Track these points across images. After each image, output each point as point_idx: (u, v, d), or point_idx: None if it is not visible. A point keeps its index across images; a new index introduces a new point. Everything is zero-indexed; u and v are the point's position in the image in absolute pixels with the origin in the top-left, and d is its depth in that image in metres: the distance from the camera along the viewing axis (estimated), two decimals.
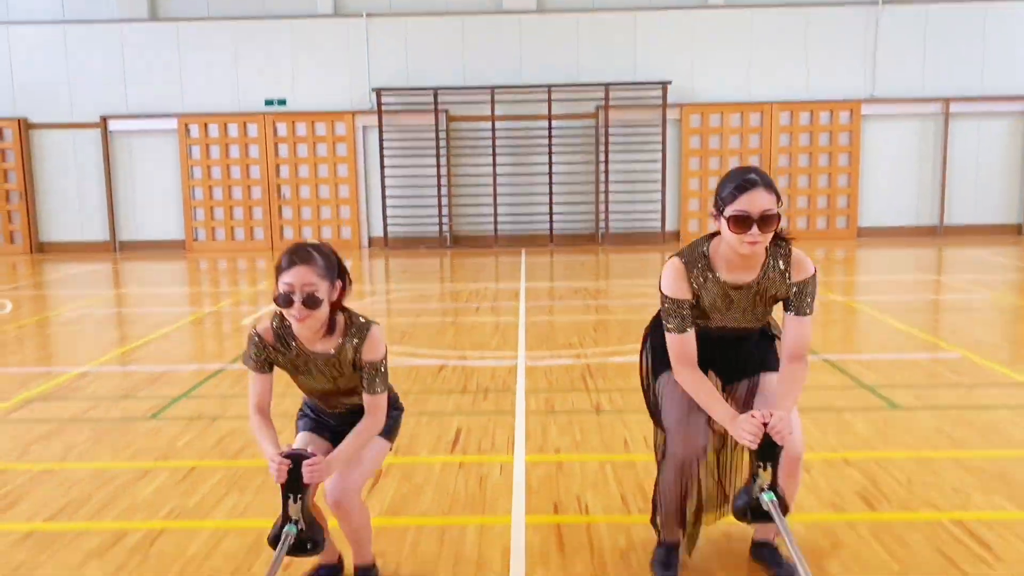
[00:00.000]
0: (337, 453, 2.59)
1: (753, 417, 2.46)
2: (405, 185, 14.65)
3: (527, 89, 14.10)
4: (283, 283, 2.52)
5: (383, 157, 14.46)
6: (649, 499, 3.17)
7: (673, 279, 2.65)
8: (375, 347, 2.64)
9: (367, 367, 2.64)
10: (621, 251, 13.41)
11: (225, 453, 4.22)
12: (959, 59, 14.11)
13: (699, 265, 2.65)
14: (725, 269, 2.63)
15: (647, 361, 2.92)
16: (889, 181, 14.39)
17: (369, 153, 14.77)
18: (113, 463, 4.11)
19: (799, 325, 2.64)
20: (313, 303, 2.50)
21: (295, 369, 2.70)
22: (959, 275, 10.12)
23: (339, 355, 2.64)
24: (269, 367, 2.68)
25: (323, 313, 2.55)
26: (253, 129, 14.69)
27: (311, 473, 2.42)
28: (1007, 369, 5.46)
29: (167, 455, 4.20)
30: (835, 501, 3.44)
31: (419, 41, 14.21)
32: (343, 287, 2.60)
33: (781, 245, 2.62)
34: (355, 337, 2.63)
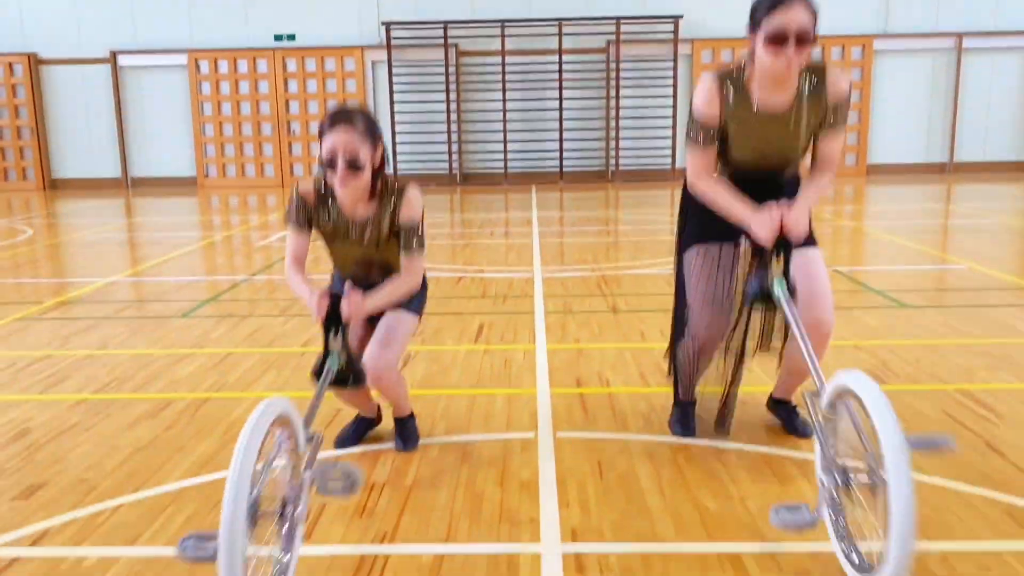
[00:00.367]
0: (373, 297, 2.68)
1: (770, 212, 2.46)
2: (415, 121, 14.66)
3: (537, 23, 14.02)
4: (326, 145, 2.56)
5: (392, 93, 14.45)
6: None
7: (704, 97, 2.57)
8: (413, 207, 2.71)
9: (405, 227, 2.72)
10: (631, 187, 13.46)
11: (257, 343, 4.39)
12: None
13: (733, 82, 2.56)
14: (758, 93, 2.54)
15: (678, 228, 2.92)
16: (900, 118, 14.36)
17: (379, 89, 14.75)
18: (151, 350, 4.28)
19: (833, 139, 2.61)
20: (356, 165, 2.55)
21: (334, 233, 2.76)
22: (967, 203, 10.19)
23: (378, 218, 2.71)
24: (308, 226, 2.75)
25: (365, 177, 2.60)
26: (263, 65, 14.66)
27: (350, 307, 2.52)
28: (1013, 276, 5.60)
29: (202, 344, 4.38)
30: None
31: None
32: (383, 151, 2.66)
33: (814, 68, 2.52)
34: (393, 197, 2.70)
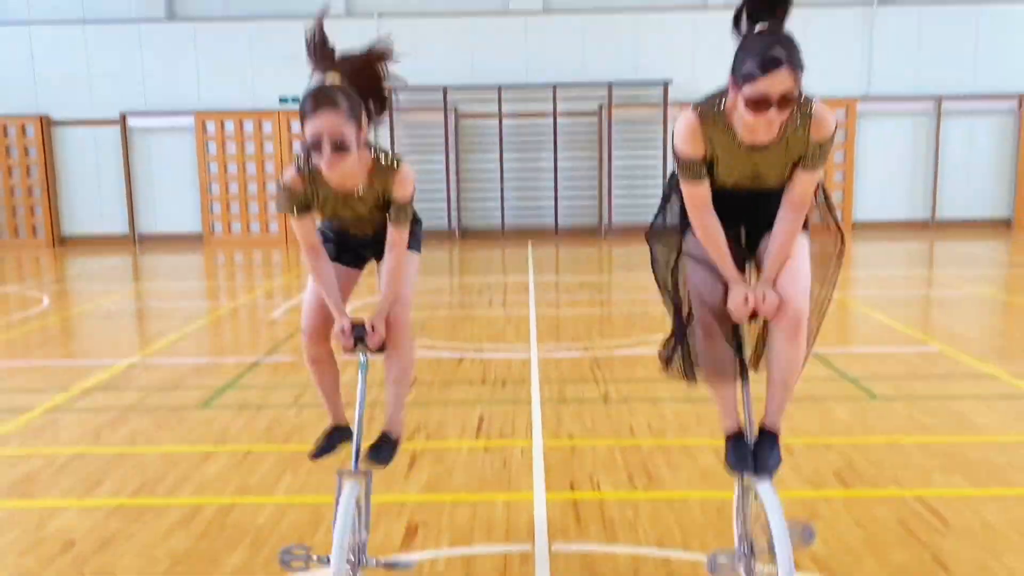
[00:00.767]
0: (383, 305, 2.85)
1: (745, 300, 2.53)
2: (416, 179, 15.10)
3: (533, 87, 14.56)
4: (310, 130, 2.50)
5: (393, 149, 14.90)
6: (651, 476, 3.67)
7: (686, 136, 2.50)
8: (404, 184, 2.73)
9: (395, 203, 2.75)
10: (623, 243, 13.90)
11: (275, 438, 4.74)
12: (951, 58, 14.57)
13: (716, 118, 2.48)
14: (741, 130, 2.46)
15: (661, 220, 2.84)
16: (883, 177, 14.88)
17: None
18: (177, 447, 4.63)
19: (808, 179, 2.53)
20: (343, 148, 2.51)
21: (324, 205, 2.78)
22: (946, 270, 10.61)
23: (369, 192, 2.73)
24: (307, 208, 2.74)
25: (352, 157, 2.56)
26: (268, 126, 15.16)
27: (372, 342, 2.83)
28: (978, 362, 5.98)
29: (224, 440, 4.72)
30: (814, 479, 3.96)
31: (429, 41, 14.63)
32: (369, 123, 2.65)
33: (802, 103, 2.43)
34: (385, 174, 2.70)
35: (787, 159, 2.53)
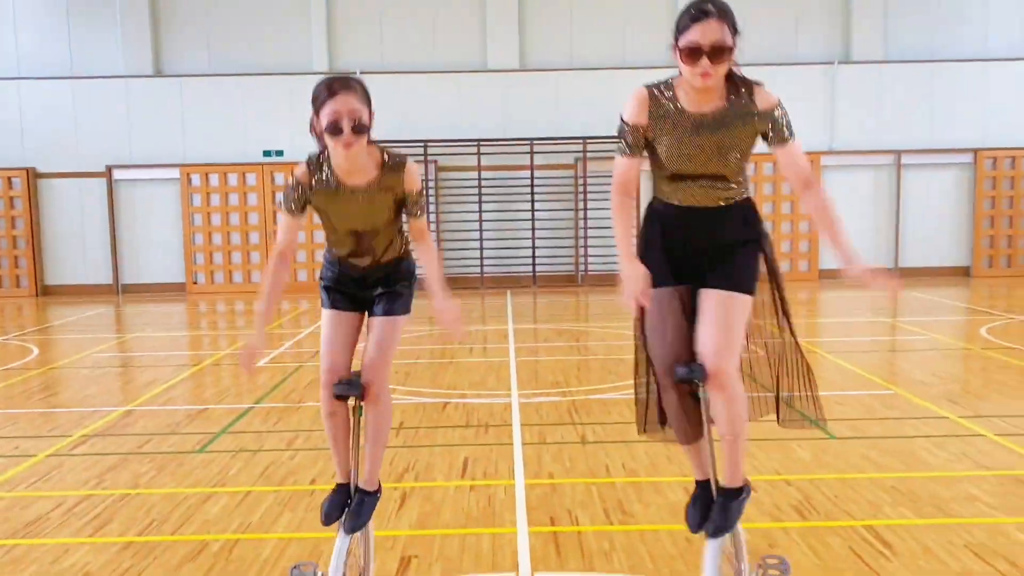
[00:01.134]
0: (434, 288, 3.02)
1: (638, 280, 2.70)
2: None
3: (511, 142, 15.09)
4: (328, 112, 2.68)
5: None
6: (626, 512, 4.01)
7: (633, 103, 2.72)
8: (414, 177, 2.92)
9: (410, 195, 2.92)
10: (599, 292, 14.32)
11: (272, 480, 5.02)
12: (909, 114, 15.32)
13: (661, 91, 2.70)
14: (686, 99, 2.67)
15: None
16: (847, 227, 15.42)
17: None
18: (179, 488, 4.89)
19: (788, 154, 2.72)
20: (361, 129, 2.70)
21: (333, 199, 2.88)
22: (906, 317, 11.11)
23: (378, 185, 2.87)
24: (302, 209, 2.92)
25: (365, 142, 2.75)
26: (252, 178, 15.54)
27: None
28: (931, 404, 6.39)
29: (223, 482, 5.00)
30: (774, 513, 4.31)
31: (410, 96, 15.16)
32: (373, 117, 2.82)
33: (744, 80, 2.69)
34: (393, 169, 2.88)
35: (734, 132, 2.67)
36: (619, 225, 2.82)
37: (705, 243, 2.84)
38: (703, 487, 2.97)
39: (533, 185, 15.29)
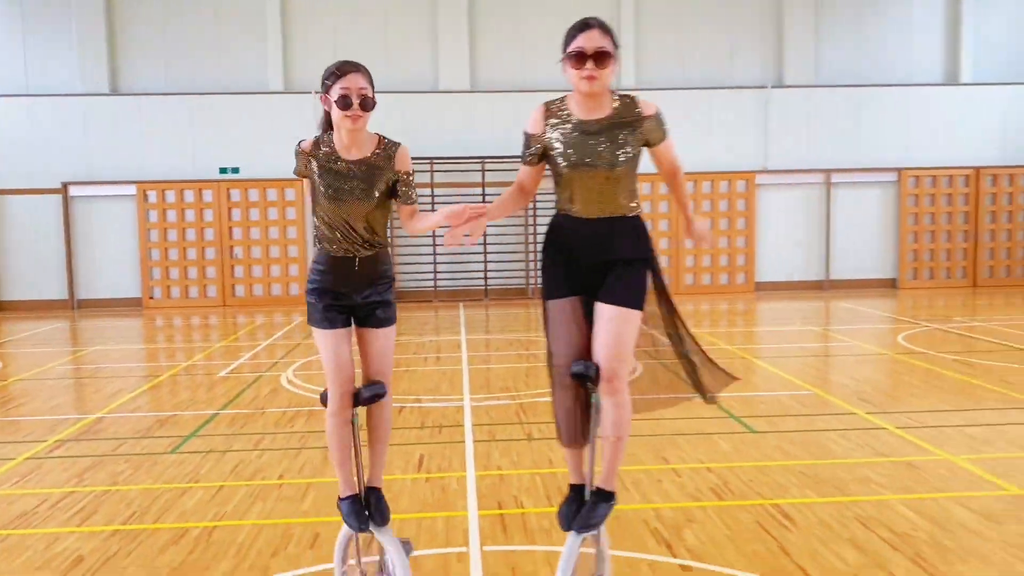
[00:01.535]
0: (426, 224, 3.22)
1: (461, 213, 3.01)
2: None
3: (463, 160, 15.64)
4: (339, 88, 3.05)
5: None
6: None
7: (532, 116, 3.18)
8: (407, 159, 3.25)
9: (402, 175, 3.23)
10: None
11: (243, 476, 5.45)
12: (838, 136, 16.25)
13: (557, 105, 3.14)
14: (578, 109, 3.11)
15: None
16: (781, 242, 16.35)
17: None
18: (156, 485, 5.30)
19: (666, 148, 3.18)
20: (367, 104, 3.08)
21: (329, 173, 3.17)
22: (831, 326, 11.90)
23: (375, 161, 3.18)
24: (306, 175, 3.26)
25: (369, 116, 3.12)
26: (208, 195, 15.83)
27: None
28: (842, 402, 7.07)
29: (196, 479, 5.41)
30: (694, 494, 4.89)
31: None
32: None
33: (626, 94, 3.14)
34: (389, 149, 3.22)
35: (620, 138, 3.04)
36: (503, 198, 3.27)
37: (602, 255, 3.14)
38: (577, 491, 3.31)
39: (485, 202, 15.83)
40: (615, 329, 3.09)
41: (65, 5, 15.52)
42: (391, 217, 3.48)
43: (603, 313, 3.12)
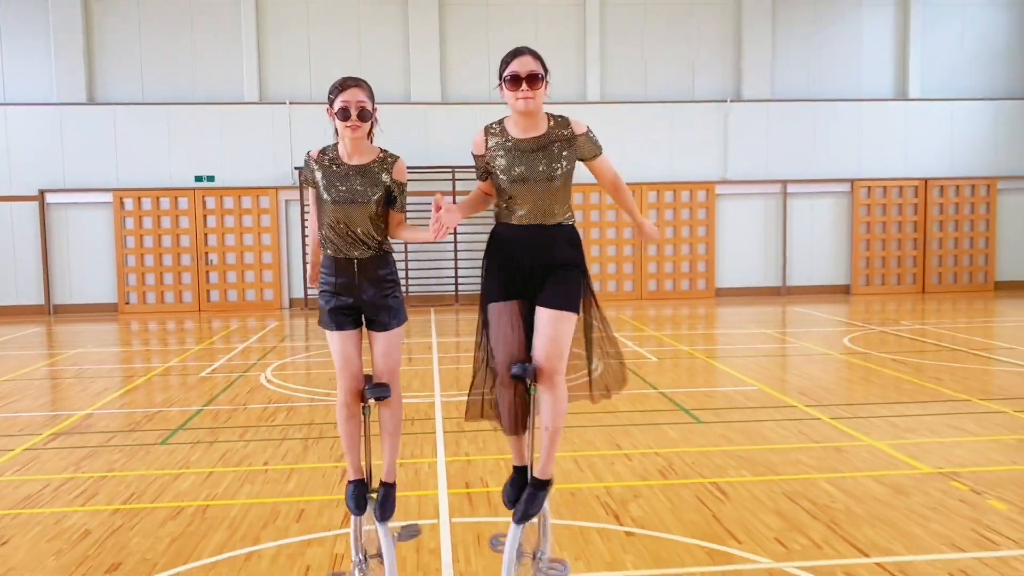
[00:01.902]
0: (413, 236, 3.51)
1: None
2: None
3: (434, 169, 16.15)
4: (340, 102, 3.35)
5: (304, 227, 16.17)
6: None
7: (475, 139, 3.45)
8: (403, 170, 3.53)
9: (397, 185, 3.49)
10: None
11: (230, 463, 5.91)
12: (794, 148, 17.01)
13: (495, 127, 3.41)
14: (514, 129, 3.38)
15: (481, 285, 3.57)
16: (740, 249, 17.06)
17: (291, 223, 16.46)
18: (150, 471, 5.75)
19: (602, 163, 3.44)
20: (365, 115, 3.37)
21: (333, 176, 3.45)
22: (783, 328, 12.56)
23: (374, 168, 3.46)
24: (313, 183, 3.52)
25: (368, 126, 3.41)
26: (184, 202, 16.18)
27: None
28: (784, 396, 7.68)
29: (187, 466, 5.87)
30: (642, 475, 5.44)
31: None
32: (376, 112, 3.45)
33: (560, 115, 3.41)
34: (388, 159, 3.51)
35: (555, 154, 3.33)
36: (466, 198, 3.60)
37: (539, 261, 3.39)
38: (519, 471, 3.59)
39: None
40: (553, 330, 3.35)
41: (42, 16, 15.84)
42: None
43: (543, 316, 3.37)
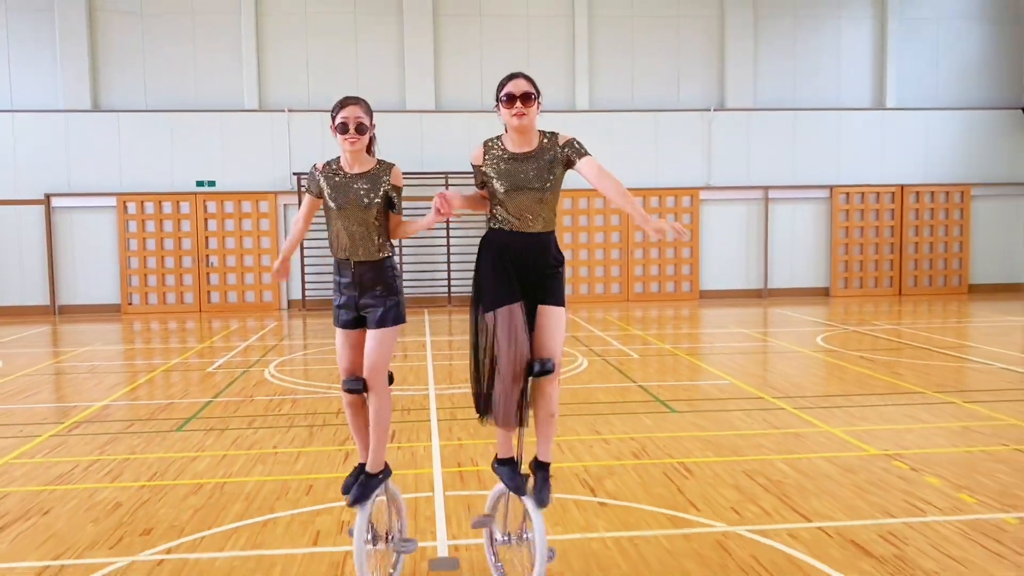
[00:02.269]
0: (414, 226, 3.89)
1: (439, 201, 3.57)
2: (320, 255, 16.88)
3: (428, 175, 16.71)
4: (340, 118, 3.66)
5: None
6: None
7: (474, 152, 3.74)
8: (399, 175, 3.84)
9: (394, 189, 3.80)
10: None
11: (241, 447, 6.46)
12: (775, 155, 17.64)
13: (494, 141, 3.72)
14: (510, 144, 3.70)
15: (473, 291, 3.81)
16: (723, 253, 17.68)
17: (289, 227, 16.98)
18: (168, 454, 6.29)
19: (589, 164, 3.63)
20: (362, 129, 3.68)
21: (336, 185, 3.75)
22: (761, 328, 13.16)
23: (373, 176, 3.76)
24: (318, 194, 3.81)
25: (366, 139, 3.71)
26: (185, 207, 16.71)
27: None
28: (753, 389, 8.26)
29: (202, 449, 6.41)
30: (617, 455, 6.01)
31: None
32: (374, 127, 3.77)
33: (550, 131, 3.73)
34: (385, 167, 3.81)
35: (545, 164, 3.64)
36: (469, 195, 3.88)
37: (533, 264, 3.71)
38: (508, 461, 4.00)
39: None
40: (556, 324, 3.72)
41: (49, 25, 16.35)
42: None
43: (548, 313, 3.71)
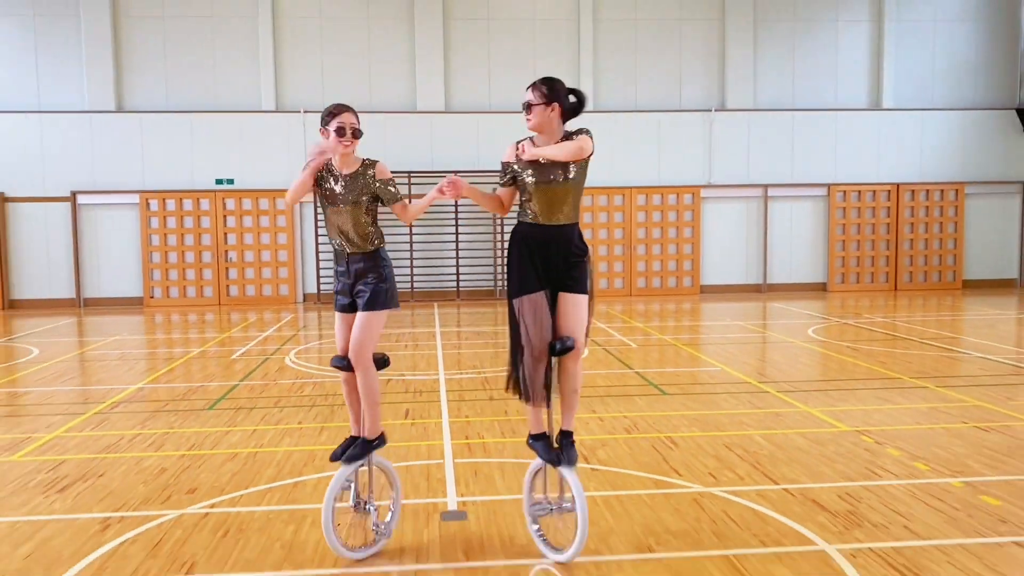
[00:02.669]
0: (420, 204, 4.31)
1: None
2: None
3: (438, 174, 17.33)
4: (337, 122, 4.10)
5: (317, 227, 17.36)
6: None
7: (507, 151, 4.16)
8: (383, 169, 4.25)
9: (381, 183, 4.20)
10: None
11: (269, 423, 7.10)
12: (774, 154, 18.19)
13: (523, 141, 4.13)
14: (539, 143, 4.15)
15: (507, 280, 4.22)
16: (723, 249, 18.24)
17: (305, 224, 17.65)
18: (203, 429, 6.93)
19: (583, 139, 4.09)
20: (357, 134, 4.15)
21: (330, 181, 4.20)
22: (756, 321, 13.73)
23: (361, 173, 4.20)
24: (319, 183, 4.27)
25: (358, 143, 4.19)
26: (205, 204, 17.38)
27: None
28: (742, 375, 8.84)
29: (234, 425, 7.05)
30: (610, 431, 6.62)
31: None
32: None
33: (574, 131, 4.17)
34: (370, 164, 4.24)
35: (570, 162, 4.09)
36: (483, 192, 4.35)
37: (560, 254, 4.12)
38: (541, 436, 4.31)
39: (457, 211, 17.54)
40: (579, 311, 4.13)
41: (74, 30, 17.03)
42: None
43: (569, 299, 4.12)
